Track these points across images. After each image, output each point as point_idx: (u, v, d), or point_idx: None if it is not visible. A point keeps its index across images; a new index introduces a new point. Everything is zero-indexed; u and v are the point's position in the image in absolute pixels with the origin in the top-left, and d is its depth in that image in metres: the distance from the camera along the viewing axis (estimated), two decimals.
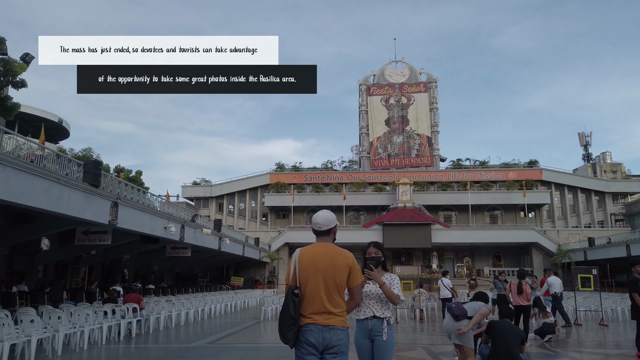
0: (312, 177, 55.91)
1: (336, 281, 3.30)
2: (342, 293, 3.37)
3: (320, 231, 3.50)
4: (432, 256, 48.95)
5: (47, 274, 24.70)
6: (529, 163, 56.68)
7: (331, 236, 3.53)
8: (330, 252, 3.37)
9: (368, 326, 3.94)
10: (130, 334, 12.43)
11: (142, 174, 38.81)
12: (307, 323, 3.25)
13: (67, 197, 12.94)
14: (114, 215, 15.30)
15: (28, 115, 47.70)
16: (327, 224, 3.49)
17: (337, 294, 3.31)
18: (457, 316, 6.47)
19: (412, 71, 60.37)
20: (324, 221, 3.49)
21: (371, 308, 3.99)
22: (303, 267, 3.32)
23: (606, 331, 14.27)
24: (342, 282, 3.34)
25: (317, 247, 3.42)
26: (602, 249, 37.34)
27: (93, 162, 14.17)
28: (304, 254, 3.37)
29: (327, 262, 3.32)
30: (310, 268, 3.31)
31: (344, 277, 3.34)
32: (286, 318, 3.22)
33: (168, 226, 19.82)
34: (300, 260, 3.34)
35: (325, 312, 3.24)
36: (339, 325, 3.27)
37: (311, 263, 3.32)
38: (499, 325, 6.37)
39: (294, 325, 3.22)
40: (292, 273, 3.35)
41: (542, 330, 11.17)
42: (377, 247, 4.21)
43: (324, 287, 3.27)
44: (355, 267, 3.42)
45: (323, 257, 3.33)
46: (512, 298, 10.36)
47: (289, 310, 3.22)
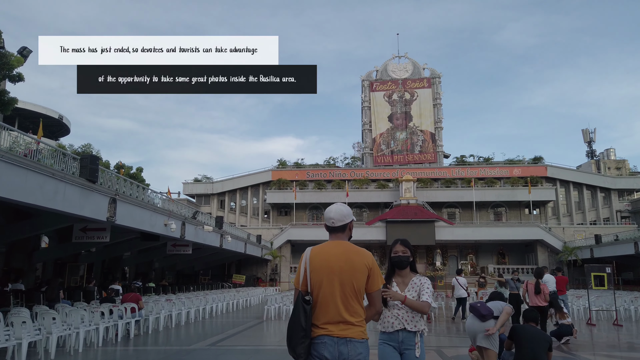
0: (314, 173, 55.40)
1: (354, 285, 2.84)
2: (361, 299, 2.91)
3: (333, 227, 3.02)
4: (436, 254, 48.44)
5: (46, 272, 24.30)
6: (533, 159, 56.06)
7: (347, 233, 3.06)
8: (346, 252, 2.91)
9: (398, 338, 3.42)
10: (129, 335, 11.98)
11: (142, 170, 38.39)
12: (320, 335, 2.80)
13: (63, 193, 12.46)
14: (112, 212, 14.82)
15: (28, 111, 47.40)
16: (341, 218, 3.02)
17: (355, 300, 2.86)
18: (484, 316, 5.96)
19: (415, 66, 59.71)
20: (338, 215, 3.02)
21: (401, 319, 3.46)
22: (315, 269, 2.87)
23: (621, 332, 13.79)
24: (361, 286, 2.88)
25: (330, 245, 2.96)
26: (609, 246, 36.78)
27: (90, 156, 13.69)
28: (316, 254, 2.91)
29: (343, 262, 2.86)
30: (323, 270, 2.85)
31: (362, 280, 2.88)
32: (296, 329, 2.76)
33: (168, 223, 19.35)
34: (312, 261, 2.89)
35: (341, 322, 2.80)
36: (357, 337, 2.81)
37: (325, 264, 2.86)
38: (524, 330, 5.87)
39: (306, 338, 2.77)
40: (302, 276, 2.90)
41: (559, 332, 10.67)
42: (405, 244, 3.64)
43: (339, 292, 2.82)
44: (375, 269, 2.95)
45: (338, 257, 2.87)
46: (529, 298, 9.84)
47: (299, 319, 2.77)
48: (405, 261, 3.56)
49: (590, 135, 66.92)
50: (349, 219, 3.05)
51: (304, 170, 55.89)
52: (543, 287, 9.59)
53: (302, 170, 56.07)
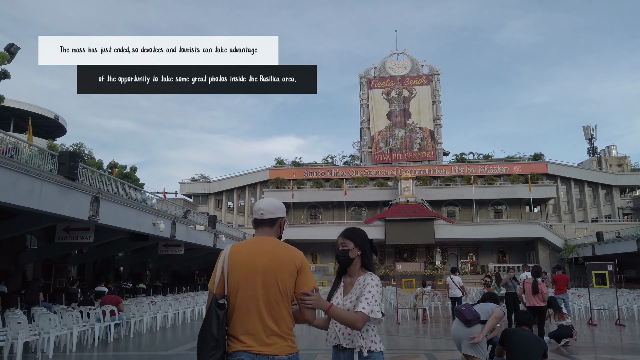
0: (313, 172, 54.84)
1: (280, 287, 2.35)
2: (289, 304, 2.41)
3: (261, 220, 2.57)
4: (436, 252, 47.89)
5: (35, 273, 23.82)
6: (534, 156, 55.44)
7: (276, 229, 2.60)
8: (273, 248, 2.44)
9: (339, 357, 2.74)
10: (108, 340, 11.45)
11: (136, 170, 37.86)
12: (237, 350, 2.31)
13: (39, 191, 11.93)
14: (94, 211, 14.30)
15: (24, 111, 46.93)
16: (272, 211, 2.58)
17: (283, 306, 2.36)
18: (468, 321, 5.33)
19: (414, 63, 59.11)
20: (269, 207, 2.58)
21: (337, 333, 2.75)
22: (234, 268, 2.38)
23: (623, 332, 13.23)
24: (289, 288, 2.38)
25: (255, 241, 2.51)
26: (611, 243, 36.21)
27: (69, 153, 13.16)
28: (236, 251, 2.44)
29: (268, 260, 2.38)
30: (244, 269, 2.37)
31: (290, 282, 2.39)
32: (207, 339, 2.28)
33: (157, 222, 18.82)
34: (231, 259, 2.40)
35: (265, 332, 2.30)
36: (282, 354, 2.30)
37: (246, 263, 2.38)
38: (517, 334, 5.30)
39: (217, 350, 2.27)
40: (218, 277, 2.41)
41: (558, 334, 10.11)
42: (346, 236, 2.85)
43: (263, 296, 2.33)
44: (306, 268, 2.45)
45: (263, 255, 2.40)
46: (526, 298, 9.28)
47: (210, 327, 2.28)
48: (342, 257, 2.80)
49: (592, 133, 66.22)
50: (280, 214, 2.61)
51: (301, 169, 55.36)
52: (541, 286, 9.03)
53: (300, 169, 55.53)
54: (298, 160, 58.05)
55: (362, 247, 2.81)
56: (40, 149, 12.42)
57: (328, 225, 48.60)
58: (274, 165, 56.88)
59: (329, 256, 49.50)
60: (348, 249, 2.79)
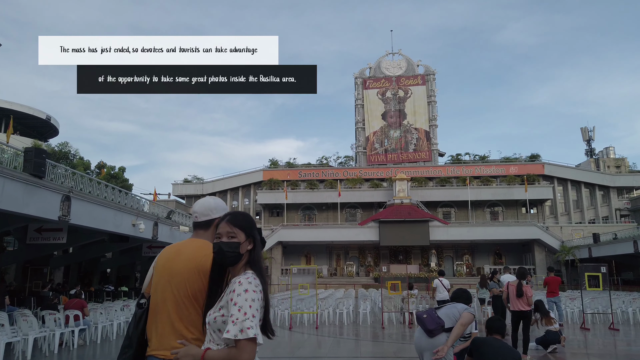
0: (307, 173, 54.20)
1: (189, 290, 2.25)
2: (200, 308, 2.23)
3: (196, 223, 2.51)
4: (431, 254, 47.25)
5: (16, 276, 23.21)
6: (530, 157, 54.86)
7: (211, 232, 2.38)
8: (193, 251, 2.35)
9: None
10: (72, 346, 10.83)
11: (125, 170, 37.19)
12: (149, 355, 2.27)
13: (1, 189, 11.32)
14: (65, 210, 13.67)
15: (15, 112, 46.40)
16: (205, 212, 2.46)
17: (192, 309, 2.24)
18: (430, 331, 4.70)
19: (409, 63, 58.57)
20: (202, 209, 2.48)
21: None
22: (156, 270, 2.42)
23: (617, 337, 12.63)
24: (197, 290, 2.25)
25: (181, 244, 2.50)
26: (608, 245, 35.61)
27: (35, 149, 12.54)
28: (162, 253, 2.48)
29: (183, 263, 2.31)
30: (162, 271, 2.37)
31: (199, 284, 2.24)
32: (125, 338, 2.41)
33: (137, 223, 18.19)
34: (157, 261, 2.45)
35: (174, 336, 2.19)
36: None
37: (164, 265, 2.37)
38: (486, 344, 4.70)
39: (129, 348, 2.33)
40: (148, 278, 2.48)
41: (546, 340, 9.51)
42: (238, 224, 2.11)
43: (172, 299, 2.26)
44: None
45: (179, 257, 2.35)
46: (510, 302, 8.67)
47: (129, 327, 2.43)
48: (230, 253, 2.04)
49: (590, 134, 65.72)
50: (215, 214, 2.43)
51: (295, 170, 54.73)
52: (526, 289, 8.42)
53: (294, 170, 54.90)
54: (292, 161, 57.46)
55: (254, 239, 2.13)
56: (3, 146, 11.80)
57: (322, 227, 47.97)
58: (267, 166, 56.27)
59: (324, 258, 48.87)
60: (238, 242, 2.06)
